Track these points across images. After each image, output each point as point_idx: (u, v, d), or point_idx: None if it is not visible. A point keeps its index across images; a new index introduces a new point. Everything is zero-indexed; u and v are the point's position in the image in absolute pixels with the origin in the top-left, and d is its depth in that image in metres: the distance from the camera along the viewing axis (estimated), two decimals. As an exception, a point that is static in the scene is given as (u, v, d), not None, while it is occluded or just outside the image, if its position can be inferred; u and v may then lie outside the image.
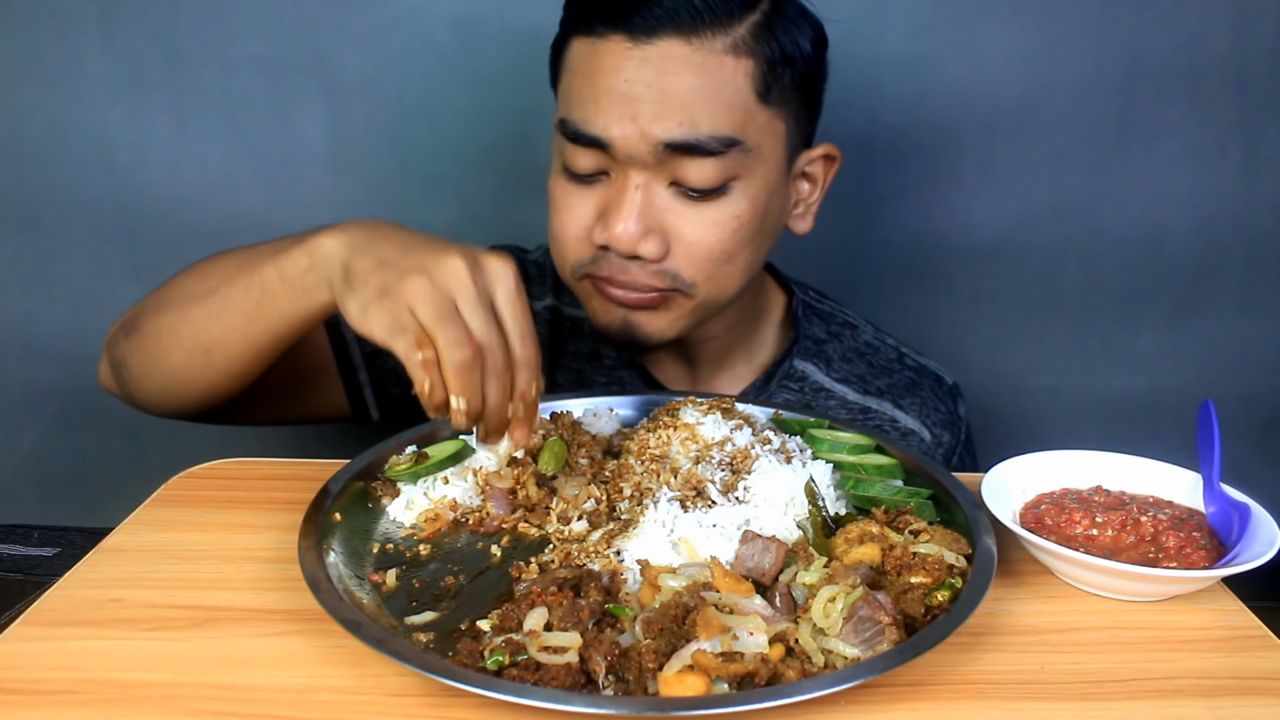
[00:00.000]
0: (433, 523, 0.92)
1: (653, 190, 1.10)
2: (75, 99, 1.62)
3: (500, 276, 0.86)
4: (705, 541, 0.83)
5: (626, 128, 1.07)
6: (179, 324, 1.06)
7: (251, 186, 1.67)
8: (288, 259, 0.96)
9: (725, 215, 1.11)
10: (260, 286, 0.99)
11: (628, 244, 1.09)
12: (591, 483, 0.96)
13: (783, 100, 1.13)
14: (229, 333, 1.02)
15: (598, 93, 1.08)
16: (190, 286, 1.07)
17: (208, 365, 1.06)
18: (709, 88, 1.07)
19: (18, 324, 1.73)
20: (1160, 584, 0.82)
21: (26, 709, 0.68)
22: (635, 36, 1.06)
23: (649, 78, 1.06)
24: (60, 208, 1.67)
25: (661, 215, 1.11)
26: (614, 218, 1.10)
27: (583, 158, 1.11)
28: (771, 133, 1.13)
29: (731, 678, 0.67)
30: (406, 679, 0.71)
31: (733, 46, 1.07)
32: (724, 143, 1.08)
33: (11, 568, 1.31)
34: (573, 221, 1.15)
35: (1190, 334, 1.76)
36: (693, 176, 1.09)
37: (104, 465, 1.77)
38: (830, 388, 1.33)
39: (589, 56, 1.10)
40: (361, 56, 1.62)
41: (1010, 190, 1.69)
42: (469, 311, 0.84)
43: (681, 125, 1.06)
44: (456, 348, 0.82)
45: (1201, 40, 1.61)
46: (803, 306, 1.37)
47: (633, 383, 1.32)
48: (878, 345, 1.39)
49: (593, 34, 1.09)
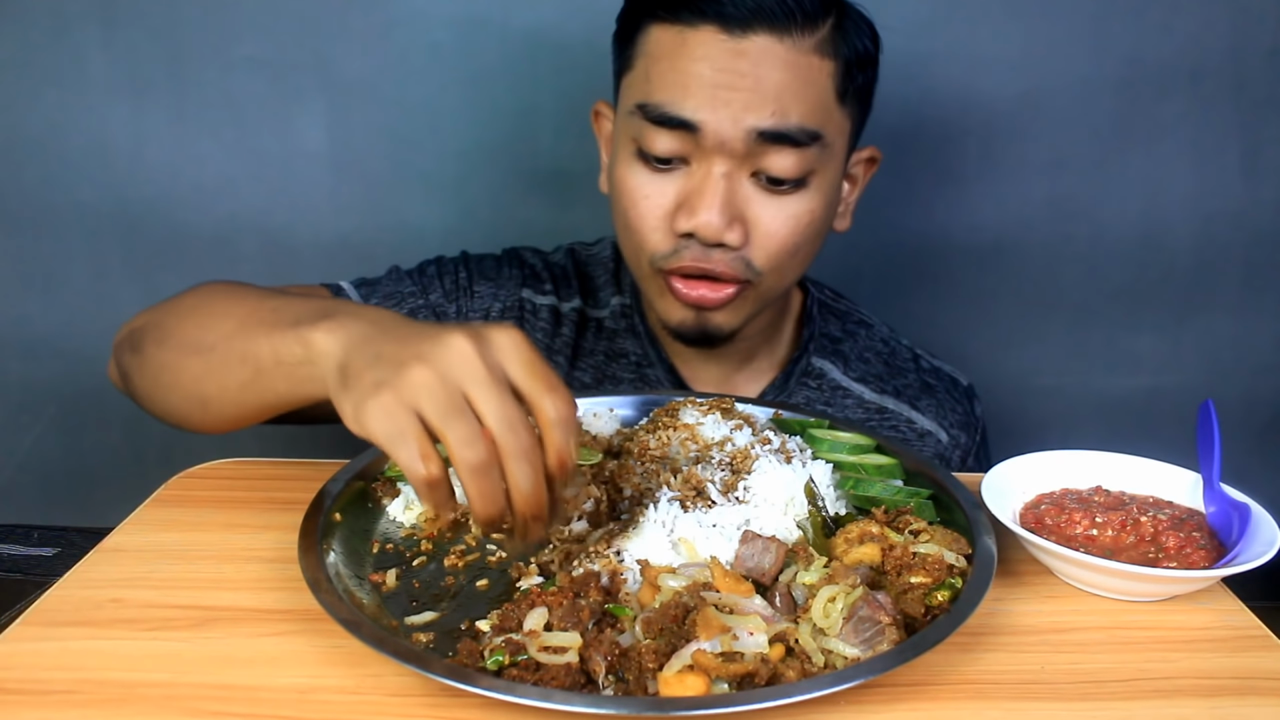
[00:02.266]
0: (433, 523, 0.92)
1: (736, 179, 1.11)
2: (75, 99, 1.62)
3: (510, 347, 0.76)
4: (705, 541, 0.83)
5: (719, 112, 1.08)
6: (177, 370, 1.02)
7: (251, 186, 1.67)
8: (285, 344, 0.88)
9: (802, 209, 1.13)
10: (255, 363, 0.92)
11: (714, 232, 1.10)
12: (591, 483, 0.96)
13: (854, 101, 1.16)
14: (224, 394, 0.97)
15: (688, 78, 1.09)
16: (190, 330, 1.02)
17: (204, 413, 1.02)
18: (798, 83, 1.09)
19: (18, 324, 1.73)
20: (1160, 584, 0.82)
21: (26, 709, 0.68)
22: (730, 29, 1.08)
23: (744, 68, 1.07)
24: (60, 208, 1.67)
25: (743, 205, 1.12)
26: (700, 205, 1.10)
27: (664, 141, 1.11)
28: (842, 132, 1.16)
29: (731, 678, 0.67)
30: (406, 679, 0.70)
31: (819, 47, 1.10)
32: (810, 135, 1.10)
33: (11, 568, 1.31)
34: (651, 211, 1.14)
35: (1190, 334, 1.76)
36: (776, 167, 1.10)
37: (104, 465, 1.77)
38: (848, 386, 1.34)
39: (677, 44, 1.10)
40: (361, 57, 1.62)
41: (1010, 190, 1.69)
42: (482, 396, 0.74)
43: (774, 115, 1.08)
44: (468, 447, 0.72)
45: (1201, 40, 1.61)
46: (817, 304, 1.38)
47: (659, 382, 1.32)
48: (894, 346, 1.40)
49: (679, 22, 1.10)
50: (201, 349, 0.98)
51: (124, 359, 1.12)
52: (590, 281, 1.37)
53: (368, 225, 1.69)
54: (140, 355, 1.08)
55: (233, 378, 0.95)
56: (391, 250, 1.69)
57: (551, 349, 1.34)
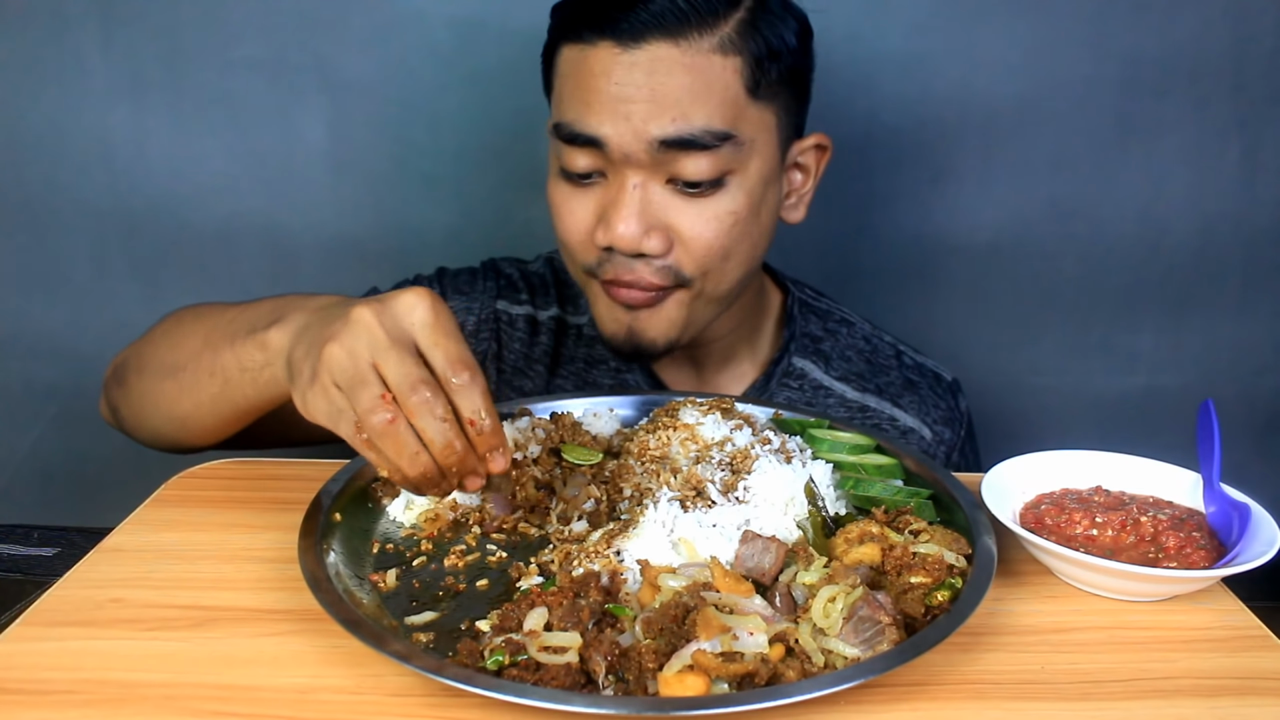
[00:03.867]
0: (433, 523, 0.93)
1: (650, 189, 1.11)
2: (75, 99, 1.62)
3: (409, 310, 0.81)
4: (705, 541, 0.83)
5: (620, 126, 1.08)
6: (155, 393, 1.09)
7: (251, 186, 1.67)
8: (245, 351, 0.95)
9: (722, 210, 1.12)
10: (222, 374, 0.98)
11: (630, 243, 1.10)
12: (591, 483, 0.96)
13: (772, 94, 1.14)
14: (198, 409, 1.04)
15: (588, 95, 1.09)
16: (164, 355, 1.09)
17: (184, 431, 1.09)
18: (699, 86, 1.08)
19: (18, 324, 1.73)
20: (1160, 584, 0.82)
21: (26, 709, 0.68)
22: (623, 42, 1.07)
23: (639, 80, 1.07)
24: (61, 208, 1.67)
25: (661, 212, 1.12)
26: (615, 218, 1.10)
27: (578, 159, 1.12)
28: (763, 127, 1.14)
29: (731, 678, 0.67)
30: (406, 679, 0.71)
31: (720, 45, 1.09)
32: (718, 136, 1.09)
33: (11, 568, 1.31)
34: (575, 226, 1.15)
35: (1190, 334, 1.76)
36: (688, 171, 1.09)
37: (104, 465, 1.77)
38: (829, 385, 1.33)
39: (579, 63, 1.11)
40: (361, 56, 1.62)
41: (1010, 190, 1.69)
42: (383, 361, 0.78)
43: (675, 121, 1.07)
44: (371, 414, 0.78)
45: (1201, 40, 1.61)
46: (798, 304, 1.37)
47: (638, 385, 1.32)
48: (876, 343, 1.39)
49: (581, 41, 1.10)
50: (174, 370, 1.05)
51: (112, 394, 1.18)
52: (569, 289, 1.38)
53: (368, 225, 1.69)
54: (124, 387, 1.15)
55: (204, 392, 1.01)
56: (391, 250, 1.69)
57: (530, 357, 1.34)
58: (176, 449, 1.15)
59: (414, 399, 0.78)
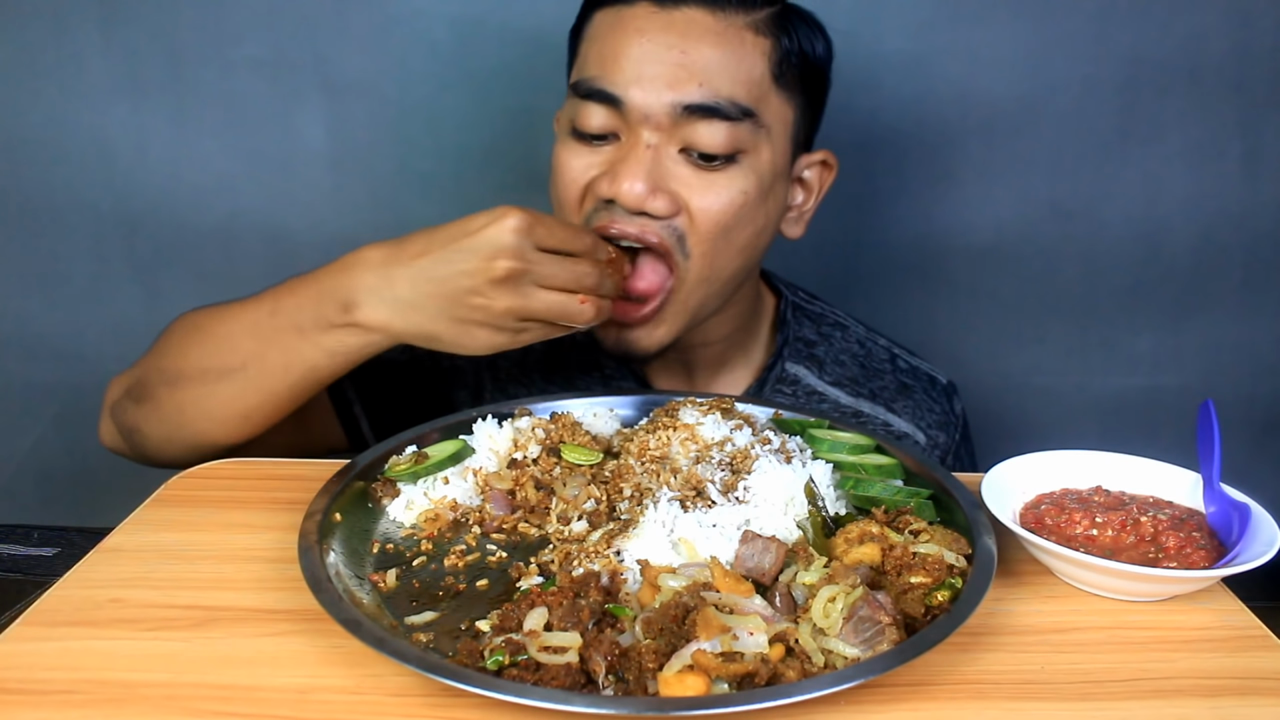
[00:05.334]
0: (433, 523, 0.92)
1: (663, 152, 1.11)
2: (75, 99, 1.62)
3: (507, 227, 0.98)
4: (705, 541, 0.83)
5: (645, 87, 1.08)
6: (204, 399, 1.09)
7: (251, 186, 1.67)
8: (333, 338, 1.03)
9: (734, 186, 1.12)
10: (303, 364, 1.05)
11: (635, 200, 1.09)
12: (591, 483, 0.96)
13: (793, 88, 1.15)
14: (271, 398, 1.08)
15: (617, 52, 1.10)
16: (207, 359, 1.09)
17: (245, 425, 1.10)
18: (729, 58, 1.09)
19: (18, 324, 1.73)
20: (1160, 584, 0.82)
21: (26, 709, 0.68)
22: (662, 2, 1.09)
23: (671, 40, 1.08)
24: (60, 207, 1.67)
25: (669, 179, 1.11)
26: (623, 173, 1.09)
27: (594, 116, 1.11)
28: (780, 117, 1.15)
29: (731, 678, 0.67)
30: (406, 679, 0.71)
31: (753, 24, 1.11)
32: (741, 110, 1.10)
33: (11, 568, 1.31)
34: (574, 179, 1.14)
35: (1190, 334, 1.76)
36: (705, 140, 1.10)
37: (104, 465, 1.76)
38: (823, 391, 1.33)
39: (614, 23, 1.12)
40: (361, 56, 1.62)
41: (1010, 190, 1.69)
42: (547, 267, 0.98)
43: (701, 88, 1.08)
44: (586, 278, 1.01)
45: (1201, 40, 1.61)
46: (791, 308, 1.37)
47: (634, 390, 1.31)
48: (870, 347, 1.39)
49: (619, 3, 1.12)
50: (231, 372, 1.07)
51: (127, 415, 1.16)
52: None
53: (368, 224, 1.69)
54: (150, 402, 1.13)
55: (280, 383, 1.06)
56: (391, 250, 1.69)
57: (525, 364, 1.34)
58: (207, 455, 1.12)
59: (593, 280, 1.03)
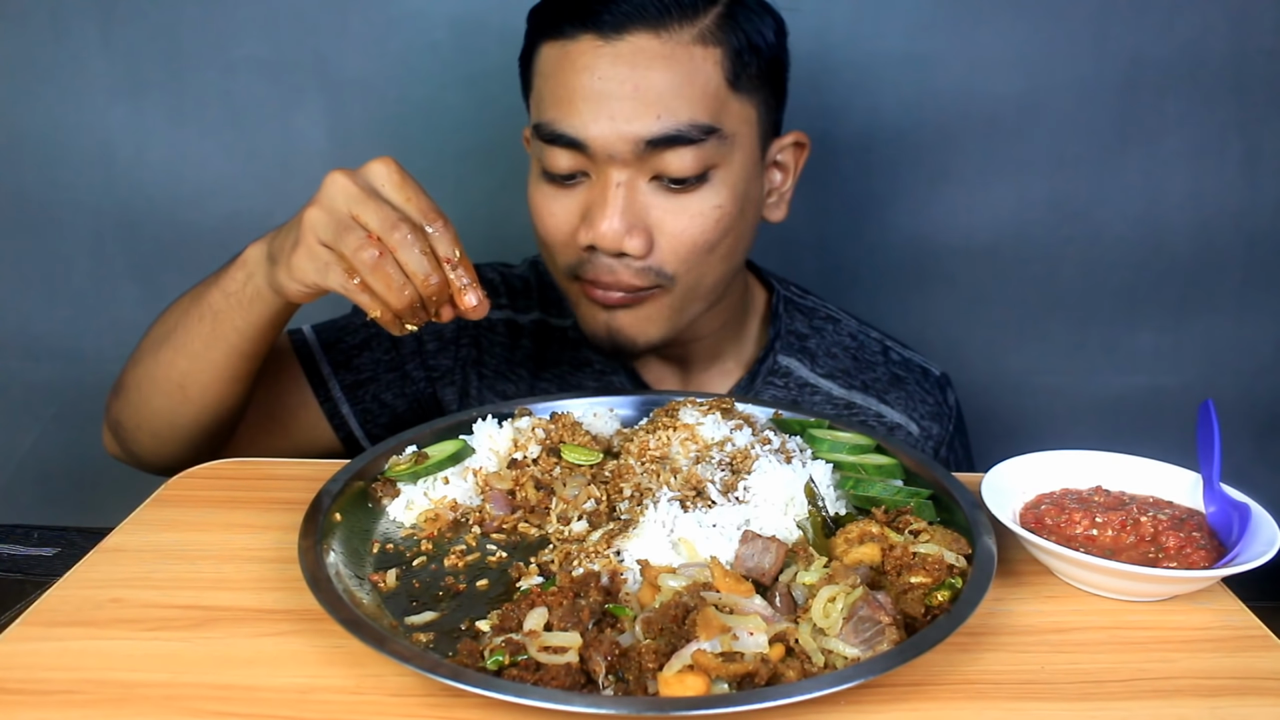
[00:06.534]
0: (433, 523, 0.92)
1: (634, 186, 1.11)
2: (75, 99, 1.62)
3: (378, 171, 0.91)
4: (705, 541, 0.83)
5: (604, 127, 1.08)
6: (152, 369, 1.11)
7: (251, 186, 1.67)
8: (227, 278, 1.03)
9: (707, 205, 1.12)
10: (210, 311, 1.04)
11: (613, 241, 1.10)
12: (591, 483, 0.96)
13: (752, 88, 1.14)
14: (195, 362, 1.07)
15: (571, 93, 1.09)
16: (155, 332, 1.13)
17: (185, 400, 1.09)
18: (681, 79, 1.08)
19: (18, 324, 1.73)
20: (1160, 584, 0.82)
21: (26, 709, 0.68)
22: (605, 34, 1.08)
23: (622, 74, 1.07)
24: (60, 208, 1.67)
25: (644, 211, 1.11)
26: (598, 216, 1.10)
27: (561, 159, 1.12)
28: (744, 120, 1.14)
29: (731, 678, 0.67)
30: (406, 679, 0.71)
31: (700, 37, 1.09)
32: (703, 130, 1.09)
33: (11, 568, 1.31)
34: (557, 226, 1.15)
35: (1190, 334, 1.76)
36: (673, 167, 1.09)
37: (104, 465, 1.76)
38: (815, 383, 1.33)
39: (560, 59, 1.11)
40: (361, 56, 1.62)
41: (1010, 190, 1.69)
42: (362, 211, 0.88)
43: (660, 119, 1.07)
44: (361, 251, 0.87)
45: (1201, 40, 1.61)
46: (784, 302, 1.37)
47: (622, 386, 1.32)
48: (862, 339, 1.39)
49: (562, 37, 1.10)
50: (167, 334, 1.09)
51: (111, 411, 1.19)
52: (552, 292, 1.37)
53: (367, 225, 1.69)
54: (122, 390, 1.16)
55: (197, 339, 1.06)
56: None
57: (512, 361, 1.34)
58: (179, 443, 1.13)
59: (396, 235, 0.88)
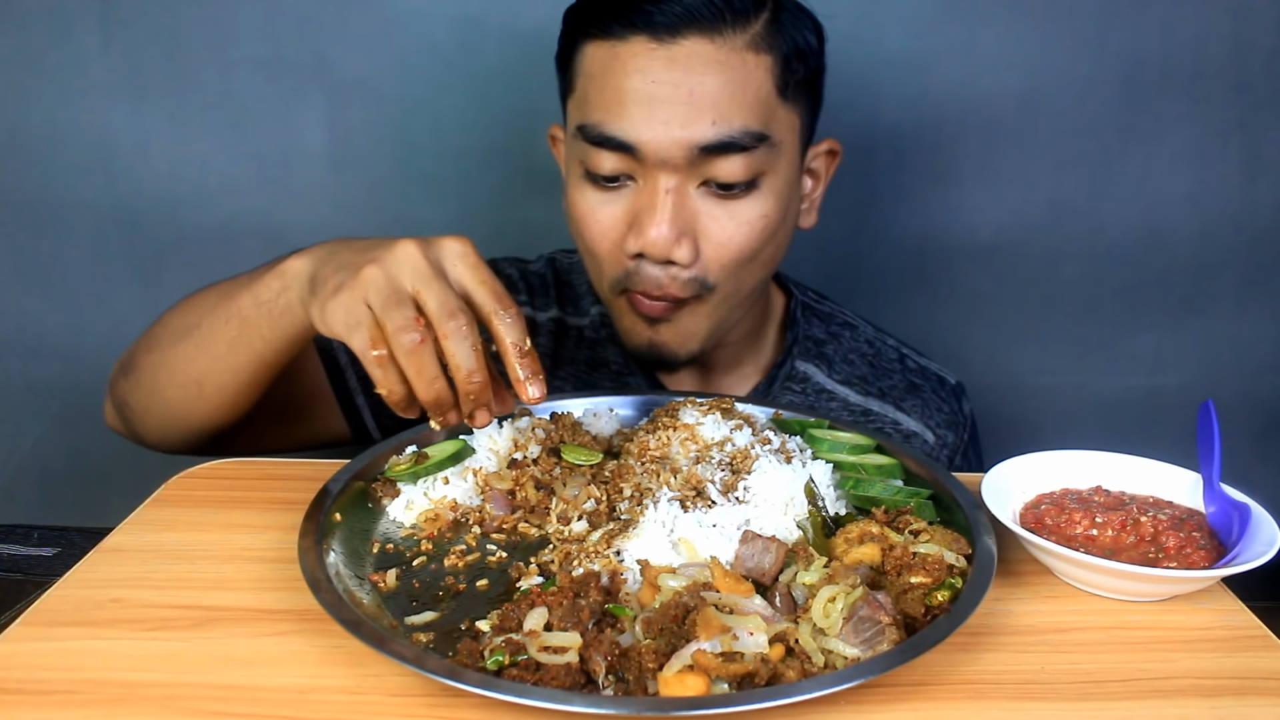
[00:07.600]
0: (433, 523, 0.92)
1: (684, 192, 1.10)
2: (75, 99, 1.62)
3: (452, 246, 0.87)
4: (705, 541, 0.83)
5: (656, 131, 1.06)
6: (170, 359, 1.08)
7: (251, 186, 1.67)
8: (262, 285, 0.98)
9: (754, 214, 1.11)
10: (239, 315, 1.00)
11: (663, 249, 1.09)
12: (591, 483, 0.96)
13: (797, 95, 1.13)
14: (216, 363, 1.04)
15: (622, 95, 1.07)
16: (177, 322, 1.09)
17: (200, 397, 1.07)
18: (735, 86, 1.07)
19: (18, 324, 1.73)
20: (1160, 584, 0.82)
21: (26, 709, 0.68)
22: (659, 36, 1.06)
23: (677, 78, 1.05)
24: (60, 208, 1.67)
25: (693, 217, 1.10)
26: (647, 222, 1.09)
27: (606, 161, 1.10)
28: (790, 128, 1.14)
29: (731, 678, 0.67)
30: (406, 679, 0.71)
31: (752, 43, 1.08)
32: (755, 137, 1.08)
33: (11, 568, 1.31)
34: (603, 233, 1.13)
35: (1190, 334, 1.76)
36: (724, 174, 1.08)
37: (104, 465, 1.77)
38: (832, 389, 1.33)
39: (609, 59, 1.08)
40: (361, 56, 1.62)
41: (1010, 190, 1.69)
42: (425, 287, 0.83)
43: (715, 125, 1.06)
44: (403, 332, 0.82)
45: (1201, 40, 1.61)
46: (801, 307, 1.37)
47: (639, 387, 1.31)
48: (879, 346, 1.39)
49: (610, 36, 1.08)
50: (190, 330, 1.05)
51: (118, 389, 1.17)
52: (570, 290, 1.36)
53: (368, 225, 1.69)
54: (134, 372, 1.13)
55: (221, 340, 1.02)
56: (391, 250, 1.69)
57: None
58: (188, 435, 1.12)
59: (451, 324, 0.83)
